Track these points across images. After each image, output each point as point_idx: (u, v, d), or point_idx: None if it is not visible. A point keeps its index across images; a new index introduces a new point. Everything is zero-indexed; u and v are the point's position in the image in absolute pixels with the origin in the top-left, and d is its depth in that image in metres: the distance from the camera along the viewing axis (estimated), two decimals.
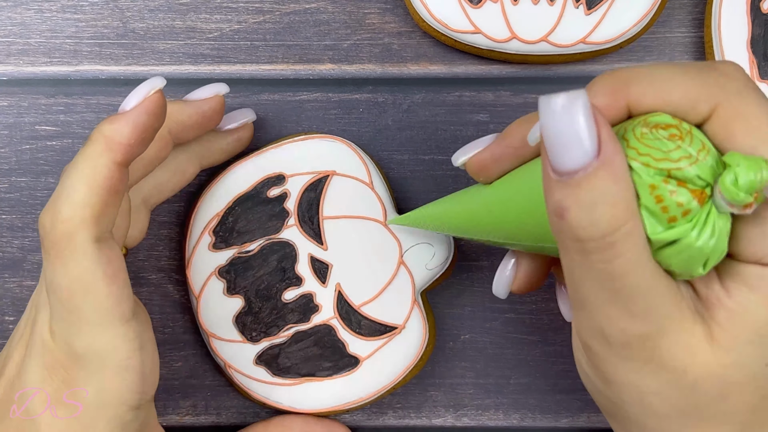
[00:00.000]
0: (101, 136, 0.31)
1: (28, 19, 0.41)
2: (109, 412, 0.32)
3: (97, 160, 0.31)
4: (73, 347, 0.31)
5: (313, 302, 0.39)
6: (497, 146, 0.32)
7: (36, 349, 0.32)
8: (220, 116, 0.37)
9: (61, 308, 0.31)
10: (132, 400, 0.32)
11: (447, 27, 0.39)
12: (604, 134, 0.25)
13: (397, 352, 0.39)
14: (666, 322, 0.27)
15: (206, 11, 0.41)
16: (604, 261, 0.26)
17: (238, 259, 0.39)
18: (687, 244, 0.26)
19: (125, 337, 0.32)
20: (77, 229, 0.30)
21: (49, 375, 0.32)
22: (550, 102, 0.25)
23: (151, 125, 0.32)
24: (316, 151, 0.39)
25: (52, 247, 0.31)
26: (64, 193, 0.31)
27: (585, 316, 0.28)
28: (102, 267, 0.31)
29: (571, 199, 0.26)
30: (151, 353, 0.33)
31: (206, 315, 0.40)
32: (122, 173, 0.31)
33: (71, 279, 0.31)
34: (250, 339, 0.39)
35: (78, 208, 0.30)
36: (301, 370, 0.39)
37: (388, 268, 0.39)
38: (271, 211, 0.39)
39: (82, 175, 0.31)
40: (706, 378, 0.27)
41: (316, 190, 0.39)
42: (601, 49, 0.39)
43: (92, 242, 0.31)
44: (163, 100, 0.32)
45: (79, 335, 0.31)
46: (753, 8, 0.39)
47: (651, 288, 0.26)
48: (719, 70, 0.28)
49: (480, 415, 0.42)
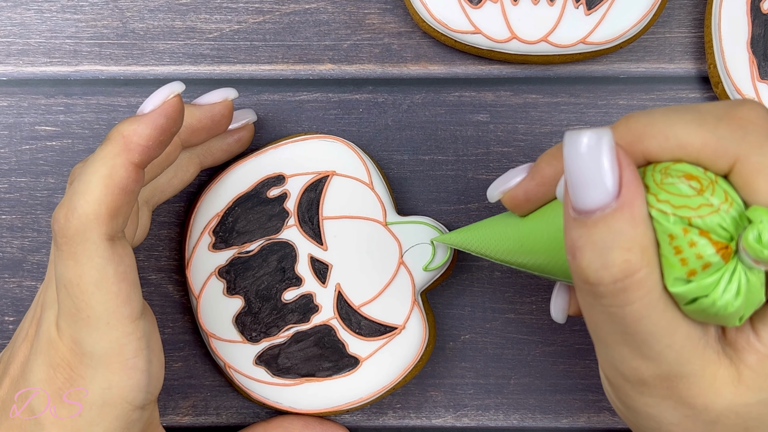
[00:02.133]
0: (120, 135, 0.31)
1: (28, 19, 0.41)
2: (114, 410, 0.32)
3: (115, 160, 0.31)
4: (81, 344, 0.32)
5: (313, 302, 0.39)
6: (529, 183, 0.31)
7: (41, 347, 0.32)
8: (228, 121, 0.38)
9: (71, 304, 0.31)
10: (137, 399, 0.32)
11: (447, 27, 0.39)
12: (627, 176, 0.25)
13: (397, 352, 0.39)
14: (685, 368, 0.26)
15: (206, 11, 0.41)
16: (616, 306, 0.25)
17: (238, 260, 0.39)
18: (709, 303, 0.25)
19: (133, 336, 0.32)
20: (92, 225, 0.31)
21: (54, 373, 0.32)
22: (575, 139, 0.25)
23: (169, 128, 0.32)
24: (315, 151, 0.39)
25: (65, 242, 0.31)
26: (80, 189, 0.31)
27: (601, 351, 0.28)
28: (114, 265, 0.31)
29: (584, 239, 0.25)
30: (157, 353, 0.33)
31: (206, 315, 0.40)
32: (138, 174, 0.32)
33: (82, 275, 0.31)
34: (250, 339, 0.39)
35: (93, 205, 0.31)
36: (301, 371, 0.39)
37: (388, 268, 0.39)
38: (271, 212, 0.39)
39: (99, 173, 0.31)
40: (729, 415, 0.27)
41: (316, 190, 0.39)
42: (601, 49, 0.39)
43: (105, 240, 0.31)
44: (182, 105, 0.33)
45: (87, 332, 0.31)
46: (753, 8, 0.39)
47: (667, 335, 0.26)
48: (739, 117, 0.26)
49: (480, 416, 0.42)
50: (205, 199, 0.39)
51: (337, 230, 0.39)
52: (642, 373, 0.27)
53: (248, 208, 0.39)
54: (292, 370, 0.39)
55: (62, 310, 0.32)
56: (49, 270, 0.34)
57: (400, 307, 0.39)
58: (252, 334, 0.39)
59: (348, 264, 0.39)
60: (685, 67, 0.41)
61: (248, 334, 0.39)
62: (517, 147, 0.41)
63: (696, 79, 0.41)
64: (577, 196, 0.25)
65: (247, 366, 0.39)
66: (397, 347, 0.39)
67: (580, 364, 0.41)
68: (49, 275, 0.34)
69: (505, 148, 0.41)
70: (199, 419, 0.42)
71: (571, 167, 0.25)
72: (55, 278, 0.32)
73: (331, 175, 0.39)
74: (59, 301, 0.32)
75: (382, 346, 0.39)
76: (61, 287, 0.31)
